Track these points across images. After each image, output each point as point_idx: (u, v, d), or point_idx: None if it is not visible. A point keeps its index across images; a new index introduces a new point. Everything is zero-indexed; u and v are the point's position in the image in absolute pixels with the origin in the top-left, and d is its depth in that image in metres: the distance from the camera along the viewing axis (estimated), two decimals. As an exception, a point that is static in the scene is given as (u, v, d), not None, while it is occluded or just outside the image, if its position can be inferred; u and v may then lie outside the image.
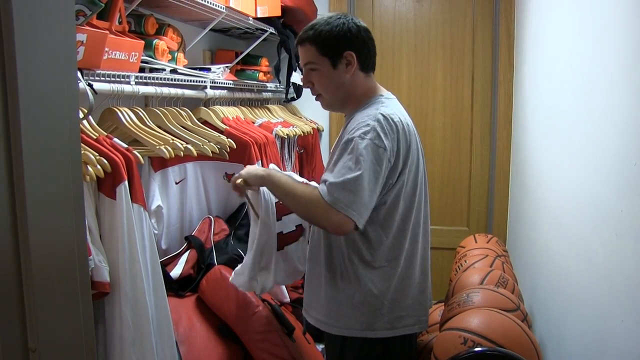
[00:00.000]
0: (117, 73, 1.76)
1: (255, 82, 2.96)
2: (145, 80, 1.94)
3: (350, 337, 1.65)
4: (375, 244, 1.62)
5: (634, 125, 1.20)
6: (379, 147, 1.50)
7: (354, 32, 1.63)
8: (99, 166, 1.48)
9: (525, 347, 1.53)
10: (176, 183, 2.18)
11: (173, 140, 1.87)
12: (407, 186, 1.62)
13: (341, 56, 1.62)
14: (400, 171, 1.58)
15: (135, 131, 1.83)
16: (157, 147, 1.80)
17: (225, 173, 2.36)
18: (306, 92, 3.30)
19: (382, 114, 1.55)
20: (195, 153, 1.93)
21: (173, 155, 1.84)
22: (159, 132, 1.90)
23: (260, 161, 2.31)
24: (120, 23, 1.81)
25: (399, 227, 1.63)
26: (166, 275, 1.91)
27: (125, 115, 1.84)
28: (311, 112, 3.46)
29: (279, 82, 3.26)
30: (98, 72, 1.66)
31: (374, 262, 1.62)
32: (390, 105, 1.62)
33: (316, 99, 1.74)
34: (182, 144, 1.87)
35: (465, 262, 2.29)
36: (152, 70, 2.03)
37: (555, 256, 1.89)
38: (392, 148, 1.53)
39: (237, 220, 2.32)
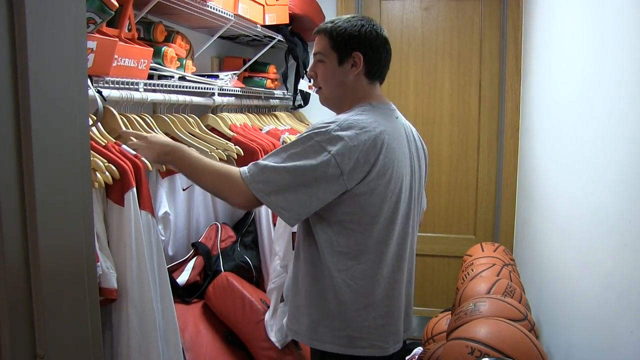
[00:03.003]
0: (126, 80, 1.77)
1: (263, 89, 2.97)
2: (153, 88, 1.95)
3: (330, 353, 1.57)
4: (328, 252, 1.53)
5: (643, 135, 1.20)
6: (323, 149, 1.43)
7: (369, 37, 1.59)
8: (107, 173, 1.48)
9: (533, 358, 1.52)
10: (183, 189, 2.19)
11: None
12: (368, 200, 1.50)
13: (349, 55, 1.59)
14: (358, 182, 1.47)
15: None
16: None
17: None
18: (313, 99, 3.32)
19: (349, 121, 1.48)
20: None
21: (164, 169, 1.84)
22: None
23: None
24: (129, 30, 1.82)
25: (357, 241, 1.53)
26: (173, 282, 1.91)
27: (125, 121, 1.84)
28: (318, 119, 3.45)
29: (287, 89, 3.26)
30: (107, 79, 1.67)
31: (325, 269, 1.54)
32: (369, 114, 1.54)
33: (316, 92, 1.72)
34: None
35: (472, 270, 2.28)
36: (160, 77, 2.04)
37: (563, 265, 1.88)
38: (345, 155, 1.43)
39: (244, 227, 2.32)
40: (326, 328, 1.56)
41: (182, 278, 2.03)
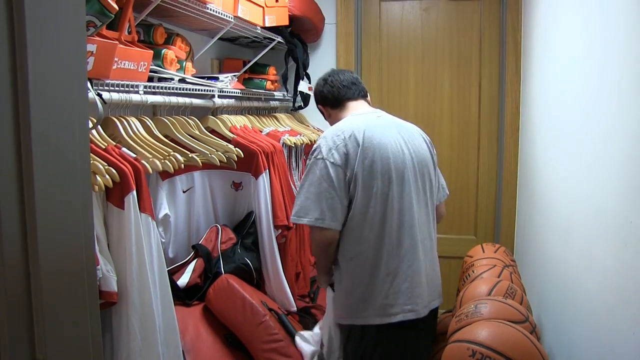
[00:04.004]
0: (126, 83, 1.77)
1: (263, 91, 2.97)
2: (153, 90, 1.95)
3: (349, 325, 1.92)
4: (343, 238, 1.89)
5: (643, 136, 1.20)
6: (319, 159, 1.85)
7: (318, 90, 2.18)
8: (107, 176, 1.48)
9: None
10: (184, 192, 2.19)
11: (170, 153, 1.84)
12: (359, 188, 1.84)
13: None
14: (354, 169, 1.83)
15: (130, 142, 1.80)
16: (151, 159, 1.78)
17: (233, 182, 2.36)
18: (313, 100, 3.32)
19: (331, 130, 1.93)
20: (200, 163, 1.94)
21: (159, 170, 1.80)
22: (153, 142, 1.88)
23: (267, 170, 2.31)
24: (129, 33, 1.82)
25: (357, 224, 1.86)
26: (173, 284, 1.91)
27: (125, 124, 1.83)
28: (318, 121, 3.46)
29: (287, 91, 3.26)
30: (107, 81, 1.67)
31: (345, 253, 1.90)
32: (346, 123, 1.95)
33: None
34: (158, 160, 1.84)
35: (473, 272, 2.28)
36: (160, 79, 2.03)
37: (564, 266, 1.88)
38: (338, 155, 1.84)
39: (244, 229, 2.32)
40: (361, 305, 1.87)
41: (183, 280, 2.03)
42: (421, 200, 1.94)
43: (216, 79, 2.45)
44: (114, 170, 1.50)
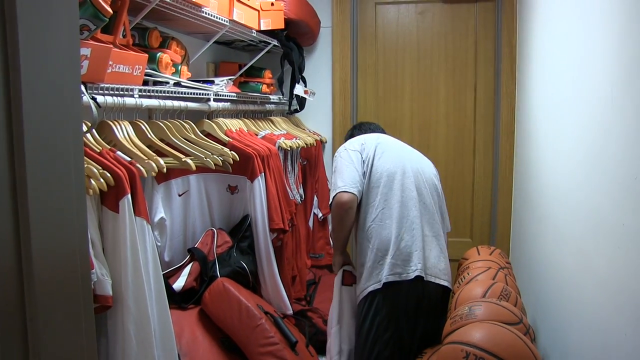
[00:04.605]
0: (121, 86, 1.77)
1: (259, 94, 2.97)
2: (148, 94, 1.95)
3: (366, 296, 2.18)
4: (362, 208, 2.27)
5: (635, 139, 1.20)
6: (342, 152, 2.34)
7: (349, 133, 2.71)
8: (102, 180, 1.48)
9: (529, 361, 1.52)
10: (179, 195, 2.19)
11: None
12: (369, 167, 2.26)
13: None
14: (368, 155, 2.29)
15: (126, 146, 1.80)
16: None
17: (228, 185, 2.36)
18: (309, 103, 3.33)
19: (351, 139, 2.47)
20: (194, 167, 1.94)
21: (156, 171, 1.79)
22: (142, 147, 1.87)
23: (263, 173, 2.31)
24: (124, 36, 1.82)
25: (369, 198, 2.25)
26: (169, 288, 1.91)
27: (121, 129, 1.83)
28: (314, 124, 3.47)
29: (282, 94, 3.27)
30: (102, 85, 1.67)
31: (363, 221, 2.26)
32: (358, 137, 2.47)
33: None
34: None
35: (468, 274, 2.28)
36: (155, 83, 2.04)
37: (559, 269, 1.89)
38: (357, 144, 2.34)
39: (240, 232, 2.32)
40: (375, 271, 2.17)
41: (178, 284, 2.03)
42: (428, 195, 2.28)
43: (212, 82, 2.45)
44: (108, 174, 1.50)
